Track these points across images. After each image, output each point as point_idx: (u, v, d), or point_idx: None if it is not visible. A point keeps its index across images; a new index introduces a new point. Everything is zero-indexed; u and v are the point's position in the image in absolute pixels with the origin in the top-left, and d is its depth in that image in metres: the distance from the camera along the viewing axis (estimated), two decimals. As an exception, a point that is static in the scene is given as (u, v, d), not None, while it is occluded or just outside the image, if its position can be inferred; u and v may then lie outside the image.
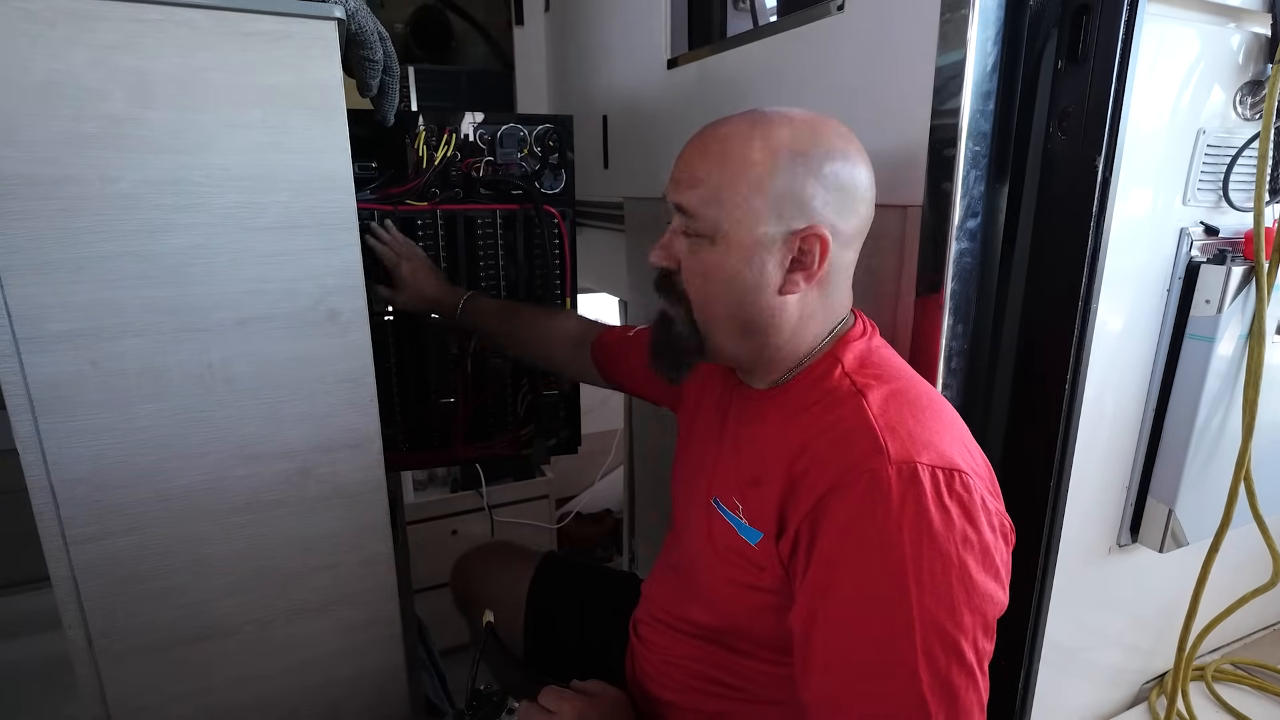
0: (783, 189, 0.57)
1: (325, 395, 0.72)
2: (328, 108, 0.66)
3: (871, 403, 0.55)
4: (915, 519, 0.49)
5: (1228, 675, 0.96)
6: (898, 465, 0.50)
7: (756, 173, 0.56)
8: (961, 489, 0.51)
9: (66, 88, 0.58)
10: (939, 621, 0.49)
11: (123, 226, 0.61)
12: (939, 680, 0.49)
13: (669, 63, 1.19)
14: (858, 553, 0.51)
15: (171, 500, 0.69)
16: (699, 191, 0.58)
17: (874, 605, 0.50)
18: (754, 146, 0.57)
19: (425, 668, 1.26)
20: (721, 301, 0.60)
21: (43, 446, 0.63)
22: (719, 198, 0.57)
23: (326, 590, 0.78)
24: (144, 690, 0.72)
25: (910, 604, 0.49)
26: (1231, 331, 0.73)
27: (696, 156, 0.60)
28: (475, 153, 1.04)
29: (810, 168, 0.57)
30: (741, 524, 0.61)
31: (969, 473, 0.52)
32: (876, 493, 0.50)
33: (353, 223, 0.70)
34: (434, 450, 1.13)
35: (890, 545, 0.49)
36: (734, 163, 0.57)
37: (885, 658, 0.50)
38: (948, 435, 0.54)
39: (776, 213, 0.57)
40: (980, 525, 0.51)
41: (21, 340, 0.60)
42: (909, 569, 0.49)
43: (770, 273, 0.59)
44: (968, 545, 0.50)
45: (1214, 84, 0.71)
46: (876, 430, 0.53)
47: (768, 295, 0.59)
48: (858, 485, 0.51)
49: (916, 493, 0.50)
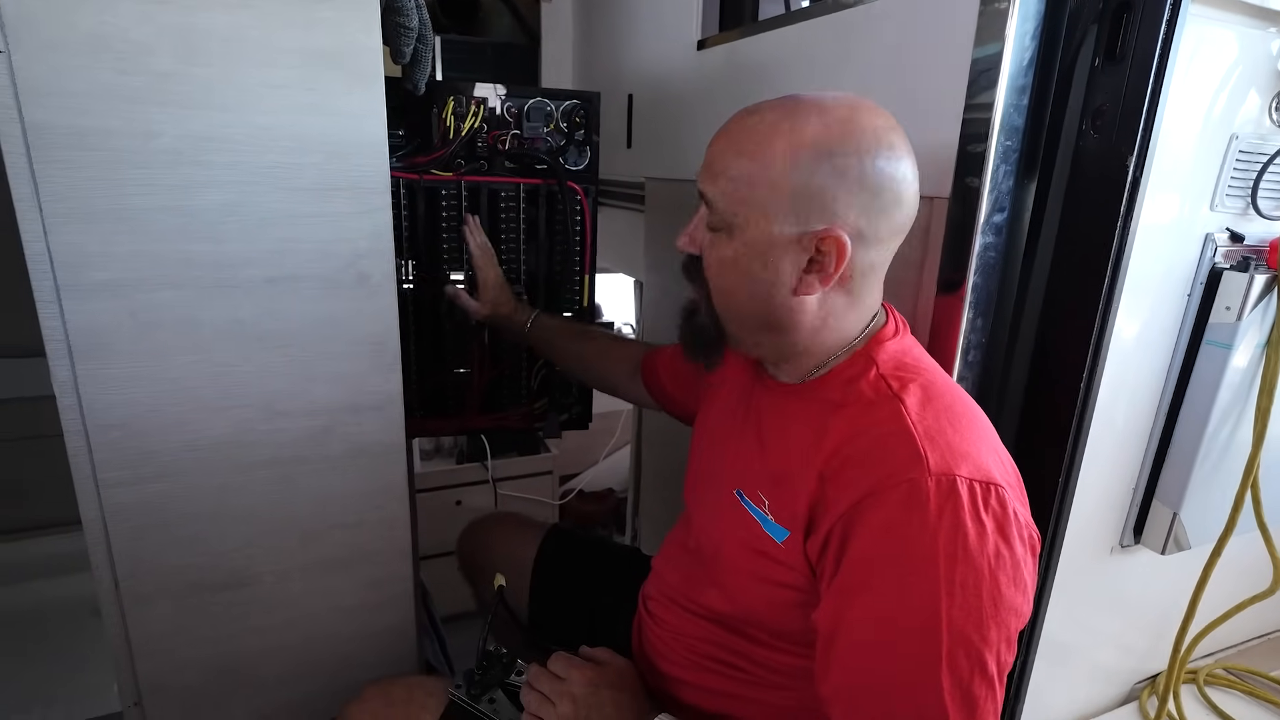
0: (802, 189, 0.54)
1: (352, 356, 0.74)
2: (367, 72, 0.67)
3: (910, 408, 0.55)
4: (951, 532, 0.50)
5: (1220, 680, 0.98)
6: (937, 477, 0.50)
7: (778, 170, 0.55)
8: (996, 503, 0.51)
9: (114, 41, 0.59)
10: (966, 633, 0.50)
11: (164, 181, 0.63)
12: (961, 690, 0.50)
13: (698, 44, 1.18)
14: (892, 560, 0.51)
15: (200, 450, 0.70)
16: (721, 182, 0.58)
17: (904, 613, 0.51)
18: (778, 141, 0.55)
19: (426, 632, 1.29)
20: (738, 295, 0.60)
21: (79, 392, 0.65)
22: (738, 192, 0.57)
23: (345, 546, 0.80)
24: (166, 633, 0.75)
25: (940, 614, 0.49)
26: (1249, 340, 0.74)
27: (724, 145, 0.59)
28: (502, 125, 1.04)
29: (835, 167, 0.54)
30: (768, 520, 0.61)
31: (1003, 485, 0.52)
32: (915, 502, 0.50)
33: (385, 187, 0.71)
34: (448, 418, 1.15)
35: (925, 556, 0.50)
36: (757, 158, 0.56)
37: (911, 664, 0.51)
38: (984, 445, 0.54)
39: (795, 213, 0.55)
40: (1013, 540, 0.51)
41: (63, 287, 0.62)
42: (941, 580, 0.49)
43: (785, 272, 0.57)
44: (999, 560, 0.50)
45: (1250, 89, 0.71)
46: (916, 438, 0.52)
47: (782, 294, 0.58)
48: (896, 493, 0.51)
49: (954, 506, 0.50)
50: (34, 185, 0.59)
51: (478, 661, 0.73)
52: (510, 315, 1.02)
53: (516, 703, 0.71)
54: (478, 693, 0.72)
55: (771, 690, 0.67)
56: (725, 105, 0.64)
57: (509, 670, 0.73)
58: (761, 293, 0.59)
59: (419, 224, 1.02)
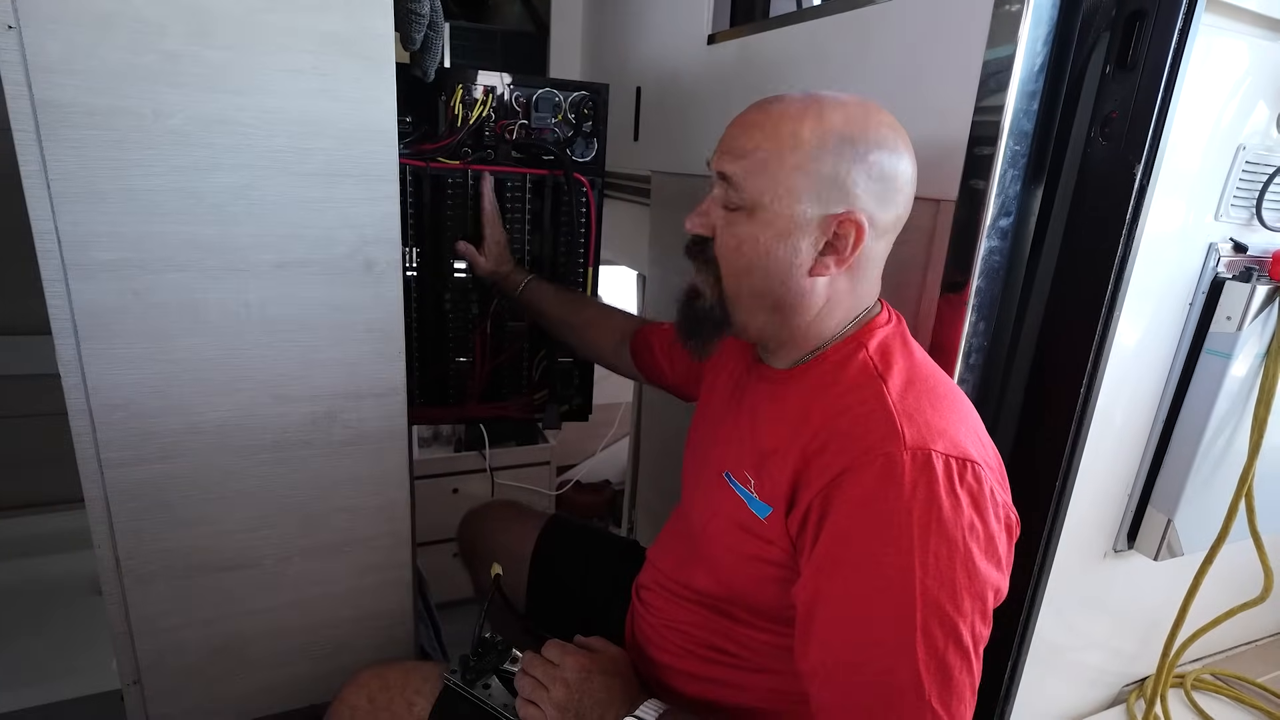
0: (827, 171, 0.57)
1: (356, 343, 0.74)
2: (378, 58, 0.67)
3: (891, 388, 0.56)
4: (925, 504, 0.51)
5: (1207, 685, 0.99)
6: (913, 451, 0.52)
7: (804, 151, 0.57)
8: (973, 479, 0.52)
9: (126, 19, 0.58)
10: (940, 604, 0.51)
11: (173, 162, 0.63)
12: (935, 659, 0.51)
13: (709, 39, 1.18)
14: (867, 532, 0.53)
15: (203, 433, 0.71)
16: (745, 162, 0.59)
17: (879, 583, 0.52)
18: (806, 125, 0.58)
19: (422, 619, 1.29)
20: (751, 275, 0.61)
21: (84, 371, 0.65)
22: (764, 171, 0.58)
23: (345, 531, 0.80)
24: (166, 612, 0.75)
25: (914, 584, 0.50)
26: (1249, 350, 0.74)
27: (748, 128, 0.60)
28: (510, 114, 1.04)
29: (857, 154, 0.57)
30: (753, 499, 0.63)
31: (980, 463, 0.53)
32: (890, 476, 0.52)
33: (394, 175, 0.71)
34: (448, 406, 1.15)
35: (900, 527, 0.51)
36: (784, 138, 0.58)
37: (886, 634, 0.52)
38: (963, 426, 0.56)
39: (817, 194, 0.58)
40: (987, 515, 0.53)
41: (70, 266, 0.62)
42: (915, 551, 0.51)
43: (803, 252, 0.60)
44: (973, 533, 0.52)
45: (1259, 100, 0.71)
46: (895, 415, 0.54)
47: (797, 275, 0.60)
48: (872, 467, 0.53)
49: (929, 479, 0.51)
50: (43, 163, 0.59)
51: (473, 648, 0.74)
52: (509, 274, 1.04)
53: (511, 689, 0.72)
54: (472, 677, 0.72)
55: (754, 674, 0.68)
56: (734, 101, 0.64)
57: (504, 657, 0.74)
58: (778, 272, 0.60)
59: (424, 212, 1.02)
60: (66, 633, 1.38)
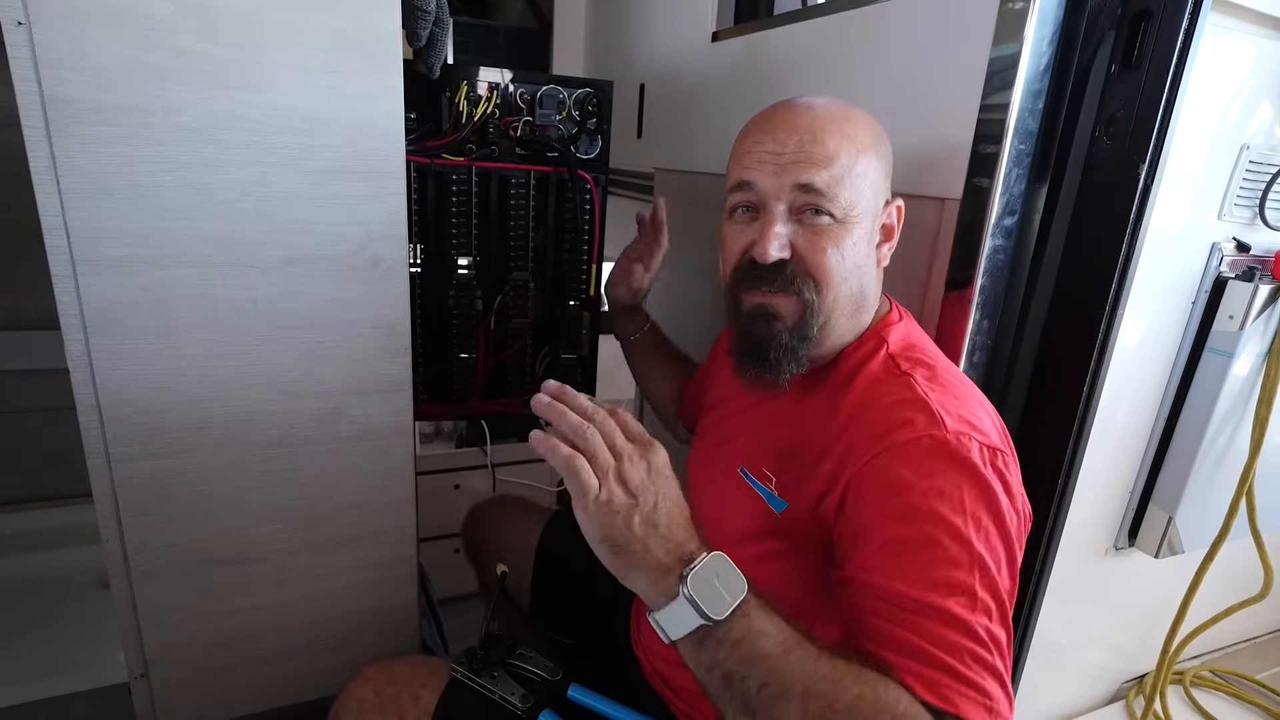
0: (880, 168, 0.61)
1: (362, 339, 0.74)
2: (385, 55, 0.67)
3: (919, 381, 0.58)
4: (973, 478, 0.52)
5: (1206, 681, 1.00)
6: (955, 434, 0.53)
7: (874, 151, 0.61)
8: (1002, 465, 0.54)
9: (135, 16, 0.59)
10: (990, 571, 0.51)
11: (181, 158, 0.63)
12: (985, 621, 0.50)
13: (713, 36, 1.18)
14: (923, 496, 0.52)
15: (211, 428, 0.71)
16: (832, 170, 0.58)
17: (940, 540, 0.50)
18: (863, 125, 0.61)
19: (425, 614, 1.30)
20: (849, 280, 0.61)
21: (93, 366, 0.65)
22: (850, 175, 0.59)
23: (351, 527, 0.81)
24: (173, 606, 0.76)
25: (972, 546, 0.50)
26: (1251, 349, 0.75)
27: (816, 134, 0.58)
28: (514, 111, 1.04)
29: (886, 148, 0.63)
30: (771, 495, 0.63)
31: (1008, 453, 0.55)
32: (939, 452, 0.52)
33: (400, 171, 0.71)
34: (451, 403, 1.16)
35: (953, 494, 0.51)
36: (852, 137, 0.59)
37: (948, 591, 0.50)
38: (987, 420, 0.57)
39: (881, 189, 0.62)
40: (1015, 498, 0.54)
41: (79, 262, 0.62)
42: (969, 516, 0.51)
43: (874, 249, 0.63)
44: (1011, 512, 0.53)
45: (1263, 99, 0.71)
46: (931, 404, 0.55)
47: (872, 271, 0.63)
48: (918, 445, 0.53)
49: (972, 458, 0.52)
50: (52, 159, 0.59)
51: (481, 641, 0.75)
52: (636, 310, 1.03)
53: (518, 680, 0.73)
54: (479, 668, 0.73)
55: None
56: (738, 99, 0.64)
57: (510, 652, 0.75)
58: (865, 271, 0.62)
59: (429, 208, 1.02)
60: (74, 626, 1.39)
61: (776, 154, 0.59)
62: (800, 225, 0.60)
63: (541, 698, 0.72)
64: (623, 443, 0.50)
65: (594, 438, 0.49)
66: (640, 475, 0.49)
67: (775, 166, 0.59)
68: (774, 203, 0.59)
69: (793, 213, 0.60)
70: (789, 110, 0.61)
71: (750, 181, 0.60)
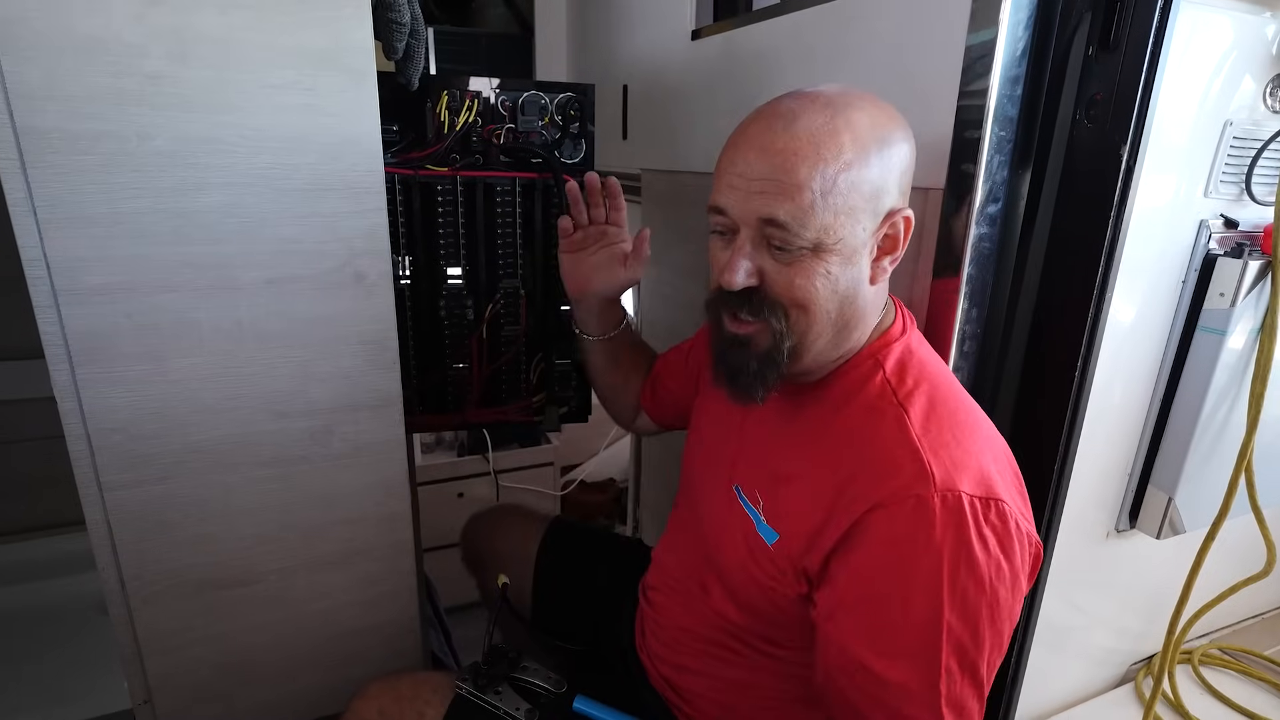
0: (875, 180, 0.54)
1: (350, 356, 0.74)
2: (359, 70, 0.66)
3: (914, 420, 0.55)
4: (955, 546, 0.51)
5: (1214, 660, 0.99)
6: (943, 493, 0.51)
7: (854, 170, 0.53)
8: (997, 518, 0.52)
9: (107, 44, 0.58)
10: (964, 643, 0.51)
11: (158, 183, 0.63)
12: (954, 697, 0.52)
13: (693, 34, 1.18)
14: (898, 571, 0.52)
15: (202, 452, 0.71)
16: (797, 202, 0.53)
17: (907, 622, 0.52)
18: (843, 138, 0.53)
19: (432, 625, 1.30)
20: (826, 307, 0.57)
21: (80, 396, 0.65)
22: (822, 204, 0.53)
23: (347, 544, 0.80)
24: (173, 631, 0.76)
25: (942, 625, 0.51)
26: (1243, 325, 0.74)
27: (786, 157, 0.53)
28: (496, 119, 1.04)
29: (891, 151, 0.55)
30: (760, 521, 0.62)
31: (1006, 500, 0.53)
32: (921, 518, 0.51)
33: (380, 187, 0.71)
34: (448, 414, 1.15)
35: (930, 568, 0.51)
36: (828, 160, 0.52)
37: (910, 671, 0.52)
38: (986, 455, 0.55)
39: (872, 207, 0.55)
40: (1013, 555, 0.53)
41: (60, 292, 0.62)
42: (945, 590, 0.51)
43: (866, 267, 0.57)
44: (1000, 574, 0.52)
45: (1244, 75, 0.71)
46: (921, 452, 0.53)
47: (864, 289, 0.58)
48: (903, 508, 0.52)
49: (959, 522, 0.51)
50: (28, 190, 0.59)
51: (484, 655, 0.74)
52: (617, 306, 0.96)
53: (522, 694, 0.72)
54: (484, 683, 0.73)
55: (778, 679, 0.67)
56: (721, 96, 0.64)
57: (514, 665, 0.75)
58: (847, 296, 0.57)
59: (415, 220, 1.01)
60: (78, 654, 1.39)
61: (746, 179, 0.55)
62: (770, 254, 0.56)
63: (546, 711, 0.72)
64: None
65: None
66: None
67: (744, 193, 0.55)
68: (744, 229, 0.56)
69: (763, 239, 0.56)
70: (767, 126, 0.55)
71: (722, 206, 0.57)
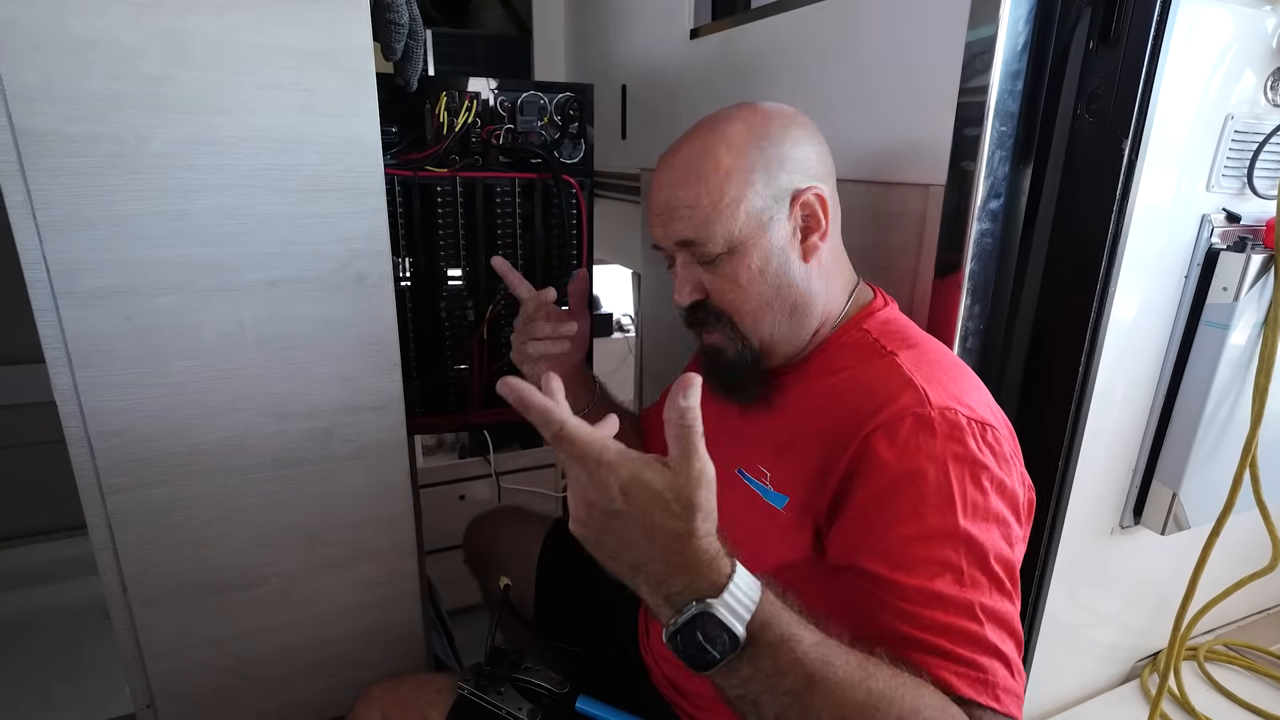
0: (760, 172, 0.60)
1: (351, 357, 0.74)
2: (358, 71, 0.66)
3: (903, 360, 0.58)
4: (959, 455, 0.52)
5: (1220, 656, 0.99)
6: (940, 410, 0.53)
7: (735, 174, 0.60)
8: (993, 439, 0.54)
9: (104, 46, 0.58)
10: (981, 546, 0.51)
11: (156, 185, 0.62)
12: (984, 599, 0.50)
13: (691, 33, 1.17)
14: (905, 483, 0.52)
15: (203, 454, 0.71)
16: (693, 220, 0.61)
17: (923, 531, 0.51)
18: (719, 152, 0.60)
19: (434, 627, 1.30)
20: (763, 299, 0.63)
21: (80, 399, 0.65)
22: (715, 214, 0.60)
23: (349, 546, 0.80)
24: (175, 635, 0.75)
25: (959, 530, 0.50)
26: (1246, 319, 0.74)
27: (675, 187, 0.62)
28: (496, 119, 1.04)
29: (773, 141, 0.61)
30: (769, 491, 0.63)
31: (999, 427, 0.55)
32: (921, 429, 0.53)
33: (380, 187, 0.71)
34: (449, 415, 1.15)
35: (938, 476, 0.51)
36: (708, 175, 0.60)
37: (938, 578, 0.50)
38: (975, 395, 0.57)
39: (769, 195, 0.61)
40: (1010, 471, 0.54)
41: (60, 295, 0.62)
42: (956, 498, 0.51)
43: (790, 248, 0.62)
44: (1002, 489, 0.53)
45: (1245, 69, 0.70)
46: (915, 382, 0.55)
47: (797, 270, 0.63)
48: (903, 425, 0.53)
49: (959, 435, 0.53)
50: (27, 193, 0.59)
51: (486, 657, 0.74)
52: (579, 377, 0.90)
53: (525, 695, 0.72)
54: (486, 684, 0.72)
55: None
56: (719, 94, 0.64)
57: (517, 666, 0.74)
58: (783, 280, 0.62)
59: (415, 221, 1.01)
60: (80, 658, 1.39)
61: (656, 213, 0.64)
62: (701, 268, 0.63)
63: (549, 712, 0.71)
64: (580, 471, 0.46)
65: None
66: (597, 495, 0.45)
67: (661, 225, 0.64)
68: (675, 253, 0.64)
69: (691, 257, 0.63)
70: (664, 163, 0.64)
71: (654, 239, 0.65)
